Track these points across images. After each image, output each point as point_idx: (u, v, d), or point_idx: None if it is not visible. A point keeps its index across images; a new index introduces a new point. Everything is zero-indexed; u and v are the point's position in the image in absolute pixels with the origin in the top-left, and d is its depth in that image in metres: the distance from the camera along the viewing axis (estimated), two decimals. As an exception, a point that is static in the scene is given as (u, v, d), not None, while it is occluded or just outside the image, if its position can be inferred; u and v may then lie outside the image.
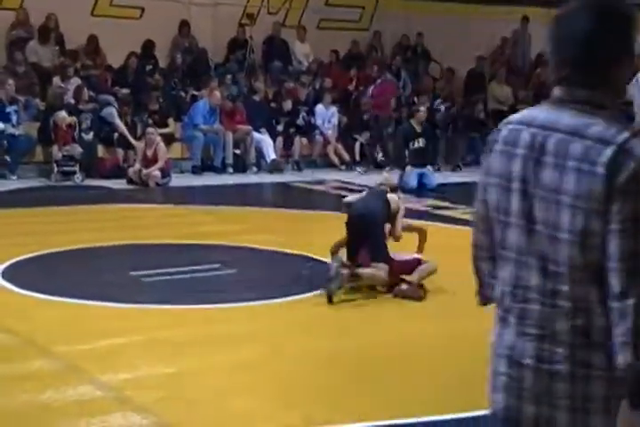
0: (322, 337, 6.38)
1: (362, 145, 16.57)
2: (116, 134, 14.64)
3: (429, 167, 14.31)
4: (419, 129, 14.25)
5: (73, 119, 14.08)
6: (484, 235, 2.50)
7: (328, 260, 8.28)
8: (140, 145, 14.11)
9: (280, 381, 5.48)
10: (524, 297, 2.31)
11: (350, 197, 8.26)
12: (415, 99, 17.80)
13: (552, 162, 2.24)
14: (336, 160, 16.29)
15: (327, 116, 16.59)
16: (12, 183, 13.30)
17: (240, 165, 15.45)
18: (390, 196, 7.77)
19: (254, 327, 6.54)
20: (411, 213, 11.43)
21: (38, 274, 7.98)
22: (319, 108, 16.58)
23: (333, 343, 6.19)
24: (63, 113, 14.00)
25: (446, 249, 9.41)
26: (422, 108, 14.70)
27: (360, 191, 9.04)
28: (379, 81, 17.70)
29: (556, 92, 2.33)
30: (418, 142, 14.12)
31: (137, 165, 13.78)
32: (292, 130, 16.12)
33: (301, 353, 5.99)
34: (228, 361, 5.77)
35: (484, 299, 2.57)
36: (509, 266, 2.36)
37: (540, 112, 2.34)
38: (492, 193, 2.39)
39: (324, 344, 6.17)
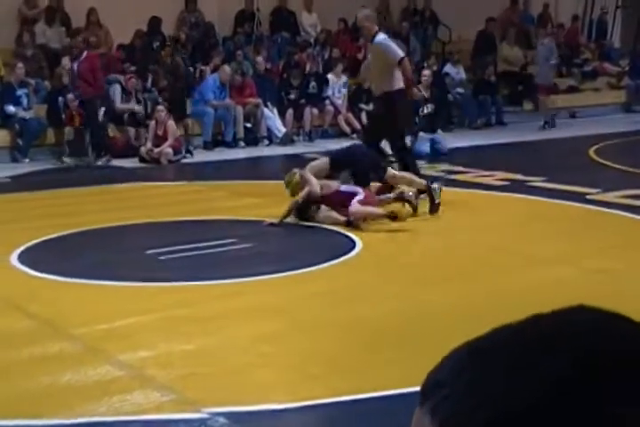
0: (341, 307, 6.35)
1: (368, 113, 16.54)
2: (125, 113, 14.59)
3: (440, 132, 14.21)
4: (427, 94, 14.13)
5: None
6: None
7: (340, 229, 8.46)
8: (150, 123, 14.08)
9: (301, 353, 5.47)
10: None
11: None
12: (425, 64, 17.67)
13: None
14: (347, 129, 16.22)
15: (338, 85, 16.50)
16: (25, 166, 13.29)
17: (251, 139, 15.41)
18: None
19: (273, 300, 6.53)
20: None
21: (54, 256, 7.98)
22: (330, 77, 16.47)
23: (353, 313, 6.16)
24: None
25: (463, 212, 9.39)
26: (427, 72, 14.54)
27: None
28: (84, 54, 14.18)
29: None
30: (427, 108, 14.01)
31: (148, 144, 13.77)
32: (302, 101, 16.03)
33: (321, 324, 5.97)
34: (247, 335, 5.76)
35: None
36: None
37: None
38: None
39: (344, 314, 6.15)
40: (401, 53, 10.27)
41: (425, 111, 14.00)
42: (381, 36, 10.43)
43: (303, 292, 6.76)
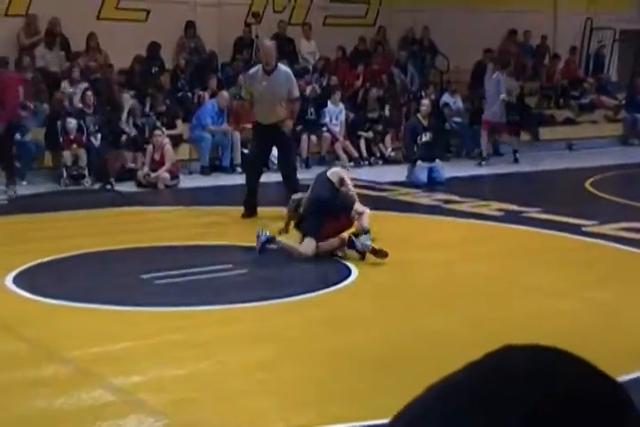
0: (336, 334, 6.35)
1: (367, 141, 16.61)
2: (123, 137, 14.63)
3: (438, 161, 14.26)
4: (425, 123, 14.20)
5: (81, 124, 14.10)
6: None
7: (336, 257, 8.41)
8: (147, 147, 14.11)
9: (294, 379, 5.46)
10: None
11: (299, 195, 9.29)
12: (423, 93, 17.74)
13: None
14: (344, 157, 16.27)
15: (335, 113, 16.56)
16: (22, 189, 13.28)
17: (249, 165, 15.43)
18: (331, 171, 8.96)
19: (266, 327, 6.52)
20: (422, 208, 11.47)
21: (50, 279, 7.97)
22: (328, 105, 16.53)
23: (348, 340, 6.16)
24: (73, 120, 14.01)
25: (458, 242, 9.40)
26: (426, 102, 14.62)
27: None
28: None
29: None
30: (425, 136, 14.07)
31: (145, 168, 13.79)
32: (299, 128, 16.07)
33: (315, 351, 5.96)
34: (240, 361, 5.75)
35: None
36: None
37: None
38: None
39: (338, 341, 6.14)
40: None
41: (423, 139, 14.06)
42: (286, 68, 11.08)
43: (297, 319, 6.75)
